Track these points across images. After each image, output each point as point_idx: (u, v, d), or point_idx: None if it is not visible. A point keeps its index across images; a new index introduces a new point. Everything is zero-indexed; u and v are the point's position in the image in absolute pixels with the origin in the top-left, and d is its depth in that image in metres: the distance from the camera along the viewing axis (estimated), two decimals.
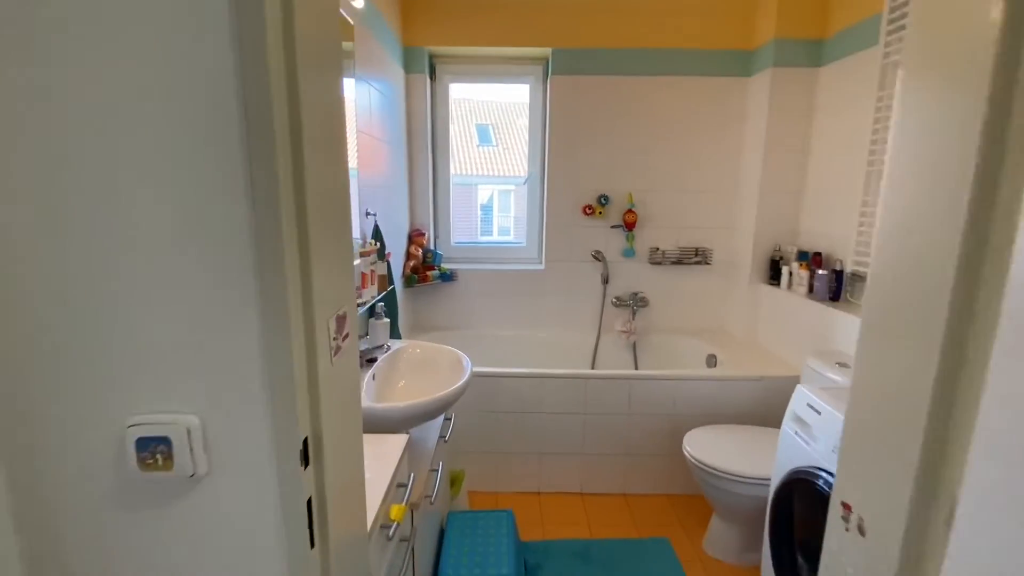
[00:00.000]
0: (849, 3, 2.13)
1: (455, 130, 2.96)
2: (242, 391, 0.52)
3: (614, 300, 2.76)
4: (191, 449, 0.52)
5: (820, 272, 2.13)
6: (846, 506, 0.70)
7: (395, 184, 2.39)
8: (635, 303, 2.73)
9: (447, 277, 2.70)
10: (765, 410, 2.18)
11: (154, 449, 0.52)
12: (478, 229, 2.99)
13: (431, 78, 2.68)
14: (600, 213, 2.65)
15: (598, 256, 2.71)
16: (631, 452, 2.24)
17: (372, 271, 1.62)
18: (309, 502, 0.55)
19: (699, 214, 2.70)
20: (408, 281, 2.57)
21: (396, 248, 2.43)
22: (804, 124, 2.39)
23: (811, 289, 2.24)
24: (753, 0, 2.47)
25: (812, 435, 1.32)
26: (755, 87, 2.49)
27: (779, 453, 1.46)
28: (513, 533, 1.68)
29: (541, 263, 2.82)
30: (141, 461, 0.52)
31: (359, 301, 1.48)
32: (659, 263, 2.71)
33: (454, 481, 2.04)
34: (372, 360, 1.53)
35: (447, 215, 2.84)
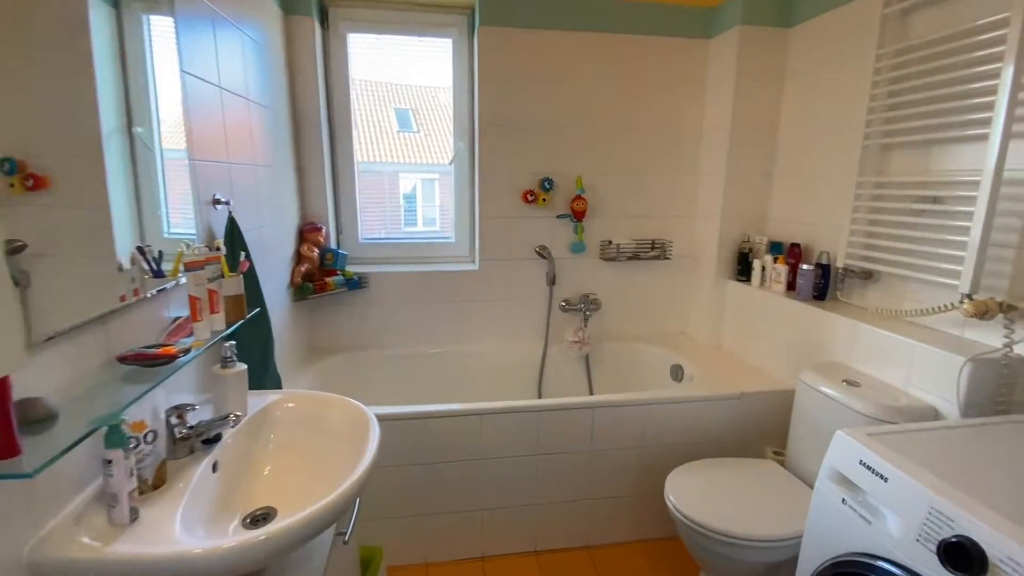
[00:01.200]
0: None
1: (367, 113, 2.37)
2: None
3: (563, 304, 2.32)
4: None
5: (804, 267, 1.81)
6: None
7: (275, 163, 1.76)
8: (586, 307, 2.31)
9: (354, 284, 2.11)
10: (747, 433, 1.84)
11: None
12: (402, 221, 2.42)
13: (322, 25, 2.06)
14: (544, 201, 2.18)
15: (543, 252, 2.24)
16: (594, 495, 1.81)
17: (214, 291, 1.03)
18: None
19: (656, 201, 2.31)
20: (299, 292, 1.95)
21: (279, 250, 1.81)
22: (775, 94, 2.06)
23: (791, 286, 1.93)
24: None
25: (872, 508, 0.94)
26: (718, 50, 2.12)
27: (814, 524, 1.08)
28: None
29: (474, 262, 2.32)
30: None
31: (181, 347, 0.89)
32: (613, 259, 2.30)
33: (368, 564, 1.50)
34: (214, 439, 0.95)
35: (352, 205, 2.24)
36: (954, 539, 0.78)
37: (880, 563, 0.90)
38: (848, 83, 1.73)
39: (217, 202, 1.26)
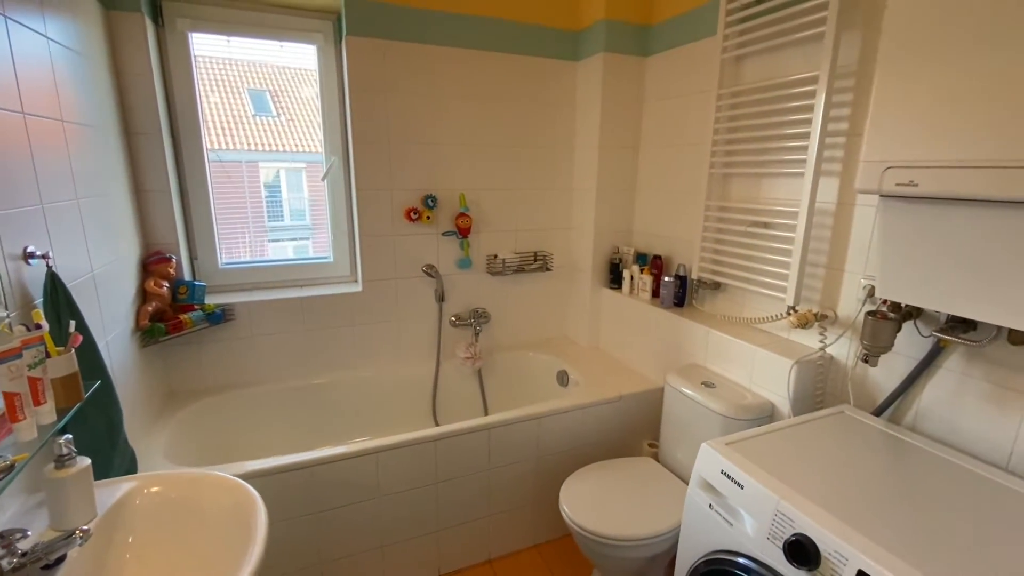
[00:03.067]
0: None
1: (218, 95, 2.08)
2: None
3: (453, 319, 2.31)
4: None
5: (666, 279, 2.02)
6: None
7: (103, 192, 1.49)
8: (476, 321, 2.33)
9: (216, 317, 1.88)
10: (627, 430, 2.02)
11: None
12: (264, 215, 2.20)
13: (155, 22, 1.77)
14: (428, 218, 2.14)
15: (430, 271, 2.21)
16: (494, 511, 1.86)
17: (37, 379, 0.85)
18: None
19: (536, 215, 2.40)
20: (148, 335, 1.69)
21: (115, 293, 1.55)
22: (634, 117, 2.24)
23: (655, 294, 2.14)
24: None
25: (732, 511, 1.10)
26: (585, 73, 2.24)
27: (688, 527, 1.23)
28: None
29: (357, 282, 2.20)
30: None
31: (4, 463, 0.73)
32: (499, 272, 2.35)
33: None
34: (54, 564, 0.79)
35: (208, 226, 1.99)
36: (794, 537, 0.94)
37: (741, 559, 1.06)
38: (696, 113, 1.94)
39: (30, 256, 1.03)
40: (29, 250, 1.03)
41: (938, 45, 0.98)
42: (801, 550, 0.92)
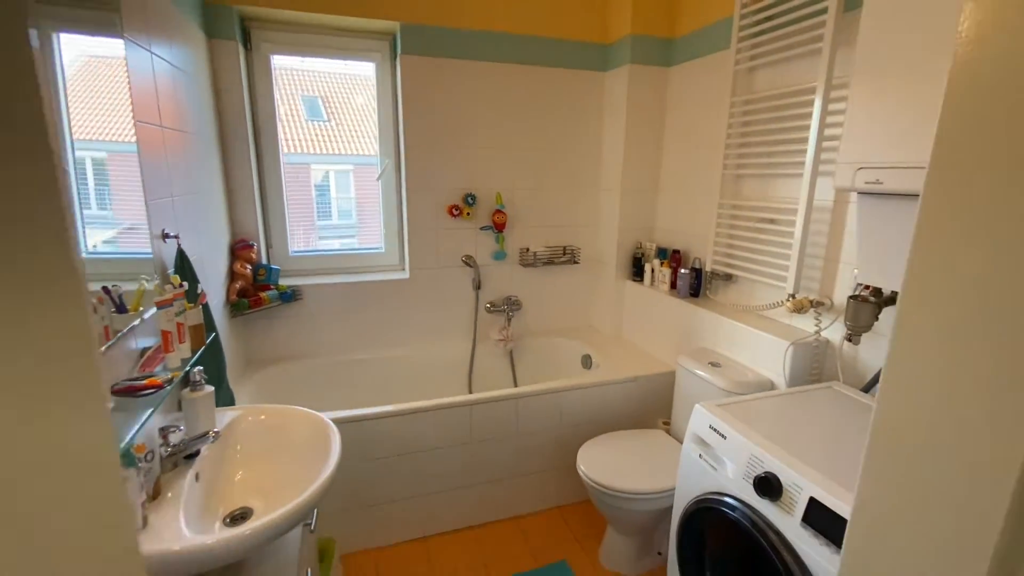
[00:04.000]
0: (699, 5, 2.18)
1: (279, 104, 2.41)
2: None
3: (488, 306, 2.57)
4: None
5: (683, 271, 2.20)
6: None
7: (206, 189, 1.83)
8: (509, 307, 2.58)
9: (287, 296, 2.21)
10: (642, 408, 2.21)
11: None
12: (315, 212, 2.52)
13: (245, 47, 2.11)
14: (468, 214, 2.41)
15: (469, 261, 2.48)
16: (520, 472, 2.10)
17: (180, 323, 1.15)
18: None
19: (566, 212, 2.63)
20: (235, 308, 2.03)
21: (213, 271, 1.88)
22: (658, 122, 2.43)
23: (673, 285, 2.33)
24: None
25: (717, 459, 1.30)
26: (612, 82, 2.46)
27: (682, 475, 1.43)
28: None
29: (404, 271, 2.49)
30: None
31: (163, 377, 1.03)
32: (531, 264, 2.59)
33: (323, 555, 1.67)
34: (193, 454, 1.09)
35: (281, 219, 2.32)
36: (762, 474, 1.14)
37: (722, 498, 1.26)
38: (712, 118, 2.12)
39: (166, 236, 1.36)
40: (165, 231, 1.36)
41: (896, 64, 1.15)
42: (767, 484, 1.12)
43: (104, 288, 1.07)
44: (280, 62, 2.22)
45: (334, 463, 1.13)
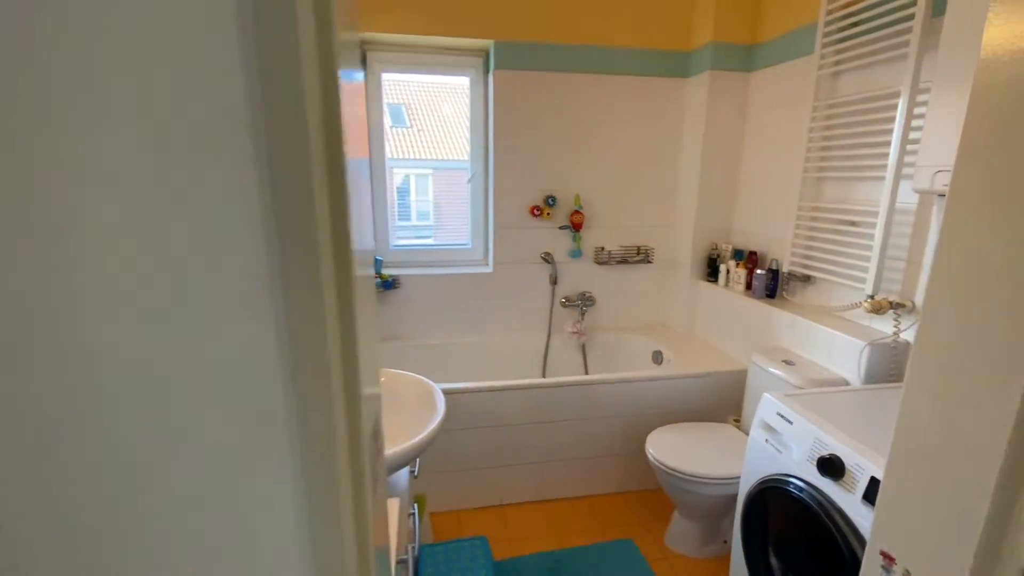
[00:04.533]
0: (782, 12, 2.23)
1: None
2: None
3: (563, 301, 2.75)
4: None
5: (759, 272, 2.25)
6: (887, 556, 0.71)
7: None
8: (583, 303, 2.74)
9: (389, 284, 2.52)
10: (712, 404, 2.28)
11: None
12: (395, 214, 2.80)
13: (363, 67, 2.44)
14: (548, 215, 2.60)
15: (547, 258, 2.66)
16: (589, 455, 2.25)
17: None
18: None
19: (641, 213, 2.74)
20: None
21: None
22: (737, 127, 2.49)
23: (748, 286, 2.37)
24: (690, 2, 2.50)
25: (783, 443, 1.38)
26: (692, 88, 2.55)
27: (748, 459, 1.52)
28: (490, 561, 1.61)
29: (488, 265, 2.73)
30: None
31: None
32: (605, 263, 2.73)
33: (416, 506, 1.92)
34: None
35: (384, 217, 2.64)
36: (826, 456, 1.22)
37: (787, 478, 1.34)
38: (791, 122, 2.16)
39: None
40: None
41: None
42: (830, 465, 1.20)
43: None
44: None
45: (440, 417, 1.35)
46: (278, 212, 0.34)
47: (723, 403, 2.29)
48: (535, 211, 2.59)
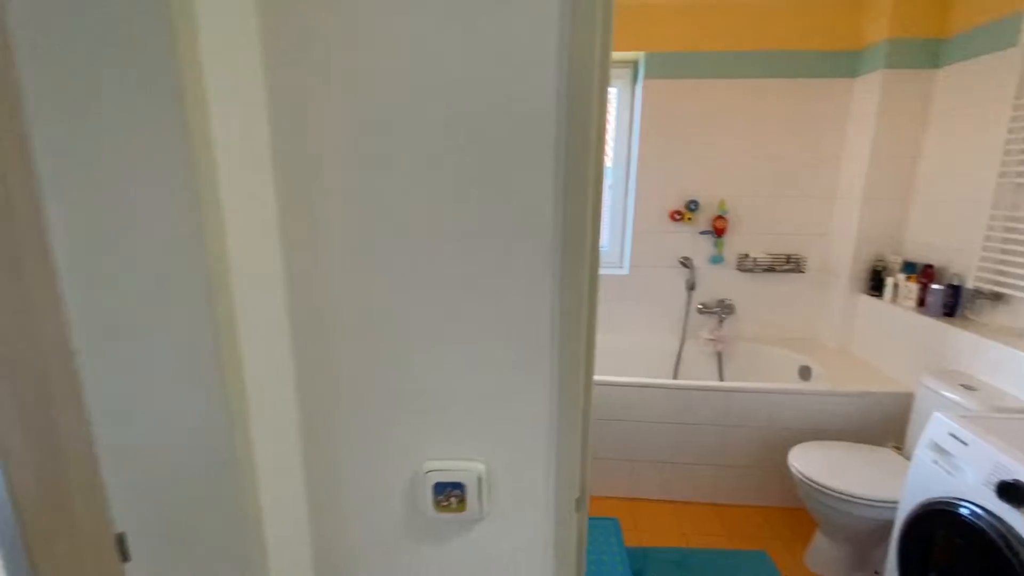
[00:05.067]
0: (977, 3, 2.00)
1: None
2: (526, 446, 0.57)
3: (699, 307, 2.73)
4: (479, 494, 0.57)
5: (935, 287, 2.04)
6: None
7: None
8: (722, 310, 2.70)
9: None
10: (867, 426, 2.12)
11: (448, 493, 0.57)
12: None
13: None
14: (689, 219, 2.62)
15: (686, 263, 2.68)
16: (722, 463, 2.23)
17: None
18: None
19: (793, 220, 2.62)
20: None
21: None
22: (916, 129, 2.27)
23: (921, 303, 2.15)
24: None
25: (955, 465, 1.29)
26: (861, 89, 2.38)
27: (911, 480, 1.43)
28: (621, 541, 1.72)
29: (624, 268, 2.82)
30: (437, 504, 0.57)
31: None
32: (749, 270, 2.66)
33: None
34: None
35: None
36: (1009, 480, 1.13)
37: (957, 502, 1.26)
38: (988, 122, 1.93)
39: None
40: None
41: None
42: (1012, 489, 1.11)
43: None
44: None
45: None
46: (565, 209, 0.51)
47: (881, 426, 2.11)
48: (675, 215, 2.63)
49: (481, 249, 0.52)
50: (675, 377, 2.77)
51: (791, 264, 2.63)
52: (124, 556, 0.51)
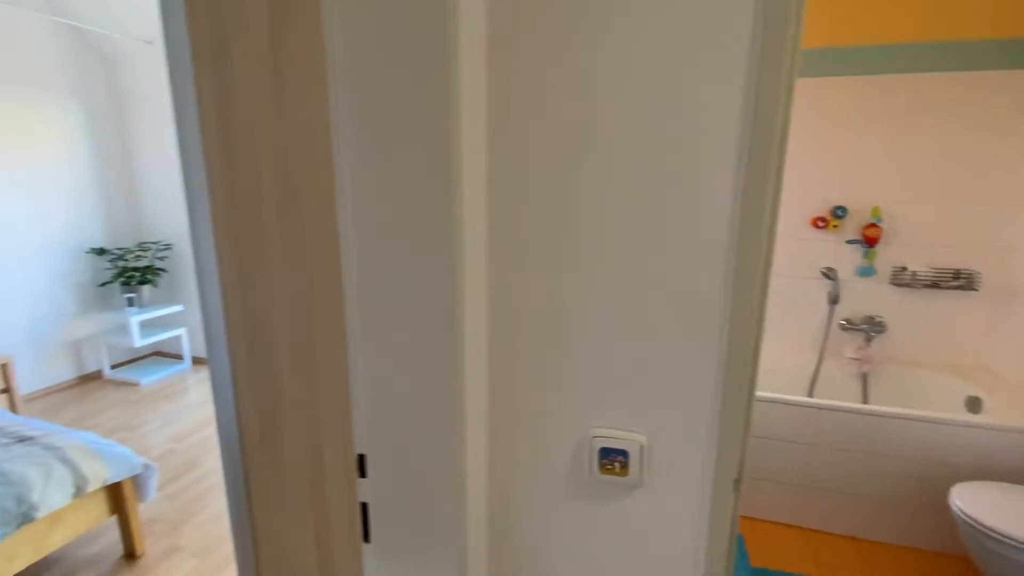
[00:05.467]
0: None
1: None
2: (687, 421, 0.63)
3: (842, 322, 2.51)
4: (641, 462, 0.64)
5: None
6: None
7: None
8: (870, 328, 2.45)
9: None
10: None
11: (613, 459, 0.65)
12: None
13: None
14: (834, 227, 2.42)
15: (829, 274, 2.48)
16: (864, 494, 2.04)
17: None
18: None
19: (963, 231, 2.31)
20: None
21: None
22: None
23: None
24: None
25: None
26: None
27: None
28: (745, 558, 1.66)
29: None
30: (602, 466, 0.66)
31: None
32: (906, 285, 2.39)
33: None
34: None
35: None
36: None
37: None
38: None
39: None
40: None
41: None
42: None
43: None
44: None
45: None
46: (745, 196, 0.56)
47: None
48: (819, 223, 2.45)
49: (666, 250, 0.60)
50: (810, 396, 2.57)
51: (961, 280, 2.31)
52: (362, 472, 0.66)
